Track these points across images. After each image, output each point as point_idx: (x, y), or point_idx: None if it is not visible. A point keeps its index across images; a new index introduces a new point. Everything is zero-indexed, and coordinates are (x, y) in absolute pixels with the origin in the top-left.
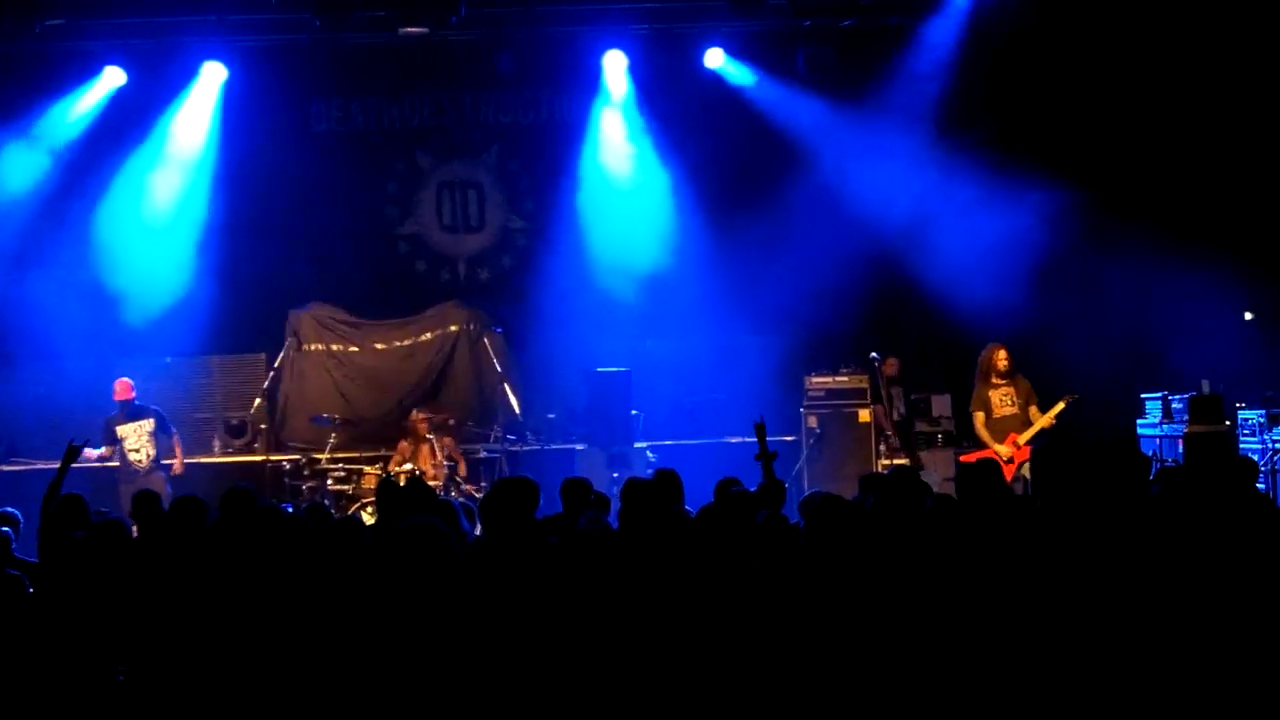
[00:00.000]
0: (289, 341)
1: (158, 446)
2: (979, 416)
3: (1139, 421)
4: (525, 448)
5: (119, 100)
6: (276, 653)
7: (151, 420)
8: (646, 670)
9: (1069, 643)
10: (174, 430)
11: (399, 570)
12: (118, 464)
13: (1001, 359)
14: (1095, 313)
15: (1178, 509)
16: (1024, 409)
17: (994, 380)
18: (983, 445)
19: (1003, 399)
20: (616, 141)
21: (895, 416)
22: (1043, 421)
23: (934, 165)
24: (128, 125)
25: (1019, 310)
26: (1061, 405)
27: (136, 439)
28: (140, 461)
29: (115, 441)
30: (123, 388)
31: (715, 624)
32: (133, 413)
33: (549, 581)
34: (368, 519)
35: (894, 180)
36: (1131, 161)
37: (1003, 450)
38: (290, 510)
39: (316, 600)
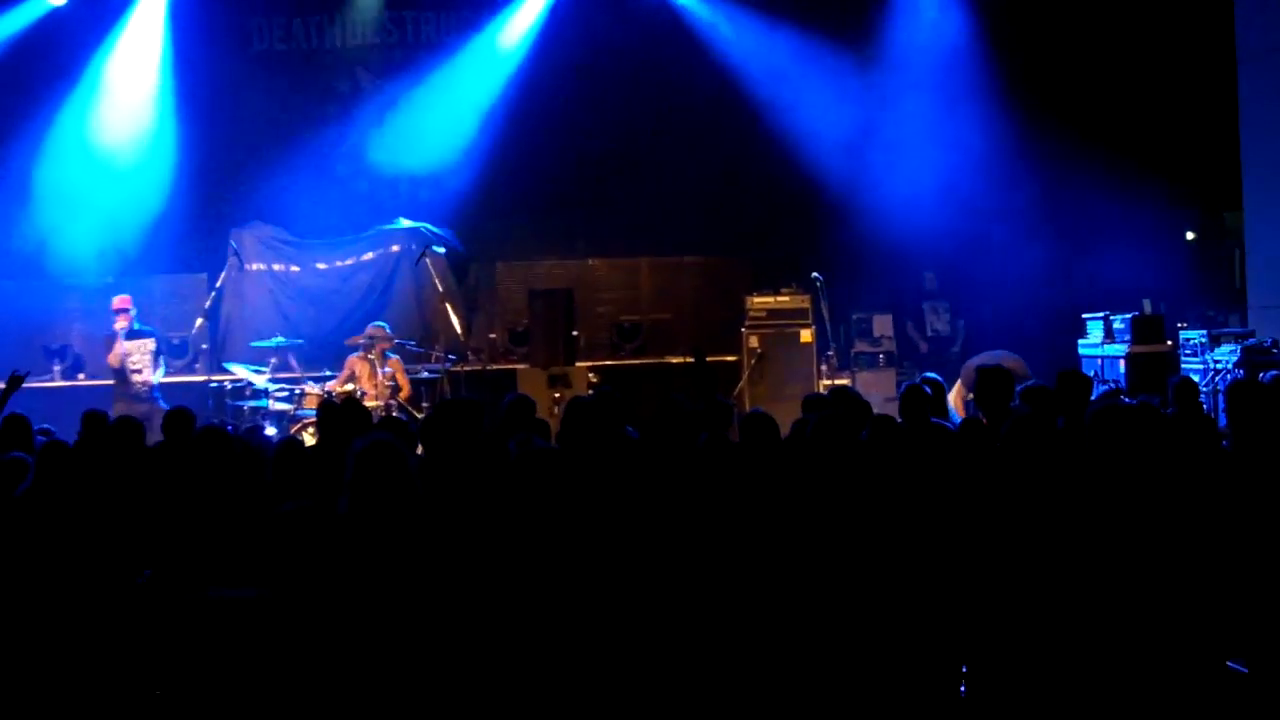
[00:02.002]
0: (231, 261)
1: (154, 368)
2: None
3: (1080, 341)
4: (466, 368)
5: (60, 17)
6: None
7: (153, 341)
8: (589, 590)
9: (1008, 556)
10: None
11: (359, 489)
12: (113, 382)
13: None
14: (1037, 233)
15: (1114, 429)
16: None
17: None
18: None
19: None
20: (546, 55)
21: (929, 333)
22: None
23: (874, 85)
24: (70, 44)
25: (960, 229)
26: None
27: (140, 358)
28: (142, 383)
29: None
30: (124, 300)
31: (656, 546)
32: (133, 333)
33: (490, 501)
34: (309, 440)
35: (832, 99)
36: (1075, 81)
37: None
38: (231, 431)
39: (266, 520)
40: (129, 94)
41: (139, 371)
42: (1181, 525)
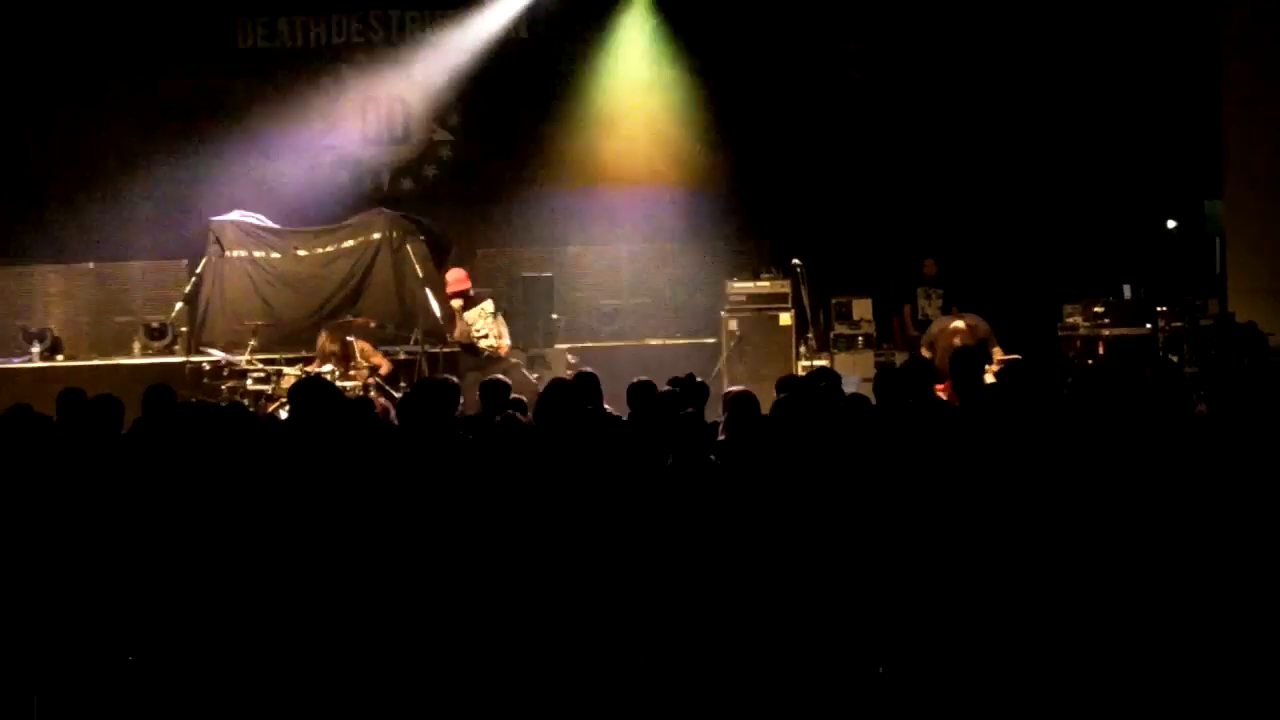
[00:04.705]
0: (211, 249)
1: (498, 326)
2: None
3: (1058, 325)
4: (445, 350)
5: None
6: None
7: (490, 303)
8: (566, 569)
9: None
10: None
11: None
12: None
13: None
14: (1019, 217)
15: (1097, 410)
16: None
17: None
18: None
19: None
20: (526, 44)
21: (919, 317)
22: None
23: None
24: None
25: (941, 214)
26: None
27: (483, 324)
28: (489, 347)
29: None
30: (458, 283)
31: (629, 521)
32: (470, 301)
33: (465, 474)
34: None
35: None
36: (1057, 66)
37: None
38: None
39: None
40: None
41: (485, 337)
42: (1161, 504)
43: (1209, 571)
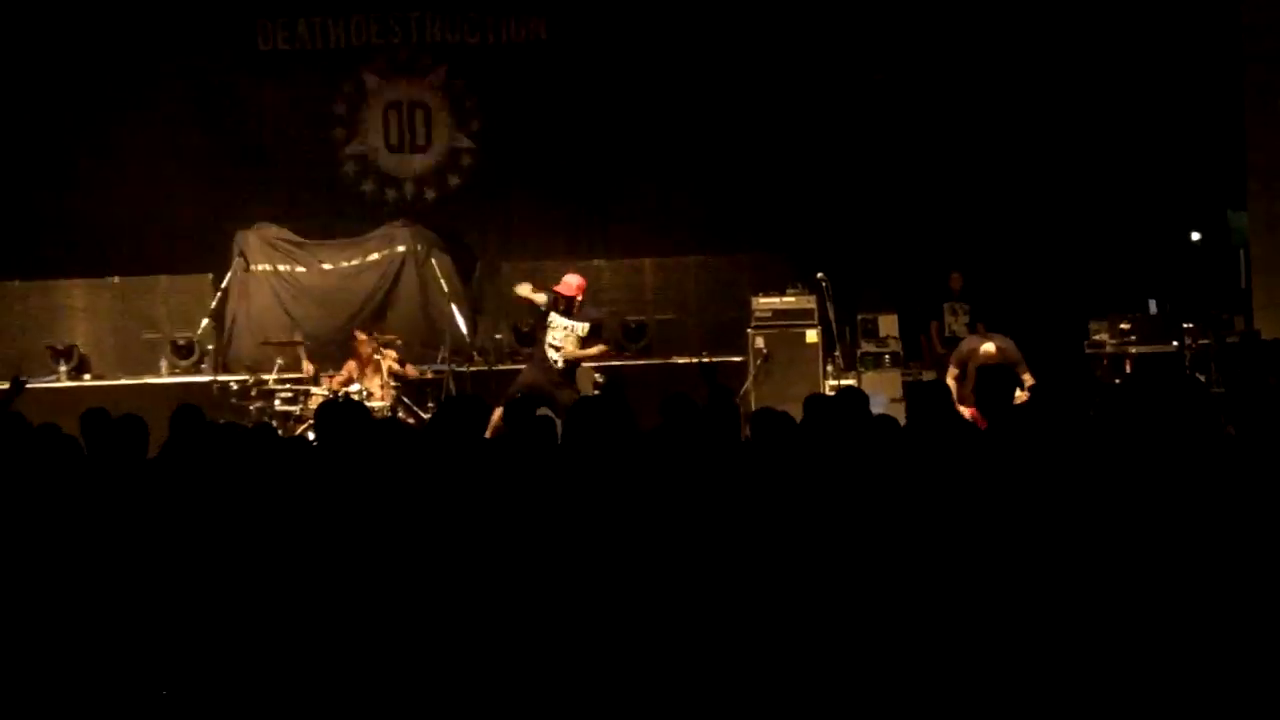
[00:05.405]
0: (236, 262)
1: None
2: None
3: (1085, 342)
4: (472, 368)
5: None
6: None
7: (586, 327)
8: (599, 591)
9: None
10: (601, 339)
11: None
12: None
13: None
14: (1041, 228)
15: (1124, 430)
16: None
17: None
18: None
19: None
20: (551, 54)
21: (945, 334)
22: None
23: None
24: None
25: (967, 230)
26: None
27: (564, 336)
28: (556, 362)
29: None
30: (568, 286)
31: (666, 544)
32: (573, 313)
33: (493, 495)
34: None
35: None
36: (1079, 78)
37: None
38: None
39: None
40: None
41: (555, 349)
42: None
43: (1240, 595)
